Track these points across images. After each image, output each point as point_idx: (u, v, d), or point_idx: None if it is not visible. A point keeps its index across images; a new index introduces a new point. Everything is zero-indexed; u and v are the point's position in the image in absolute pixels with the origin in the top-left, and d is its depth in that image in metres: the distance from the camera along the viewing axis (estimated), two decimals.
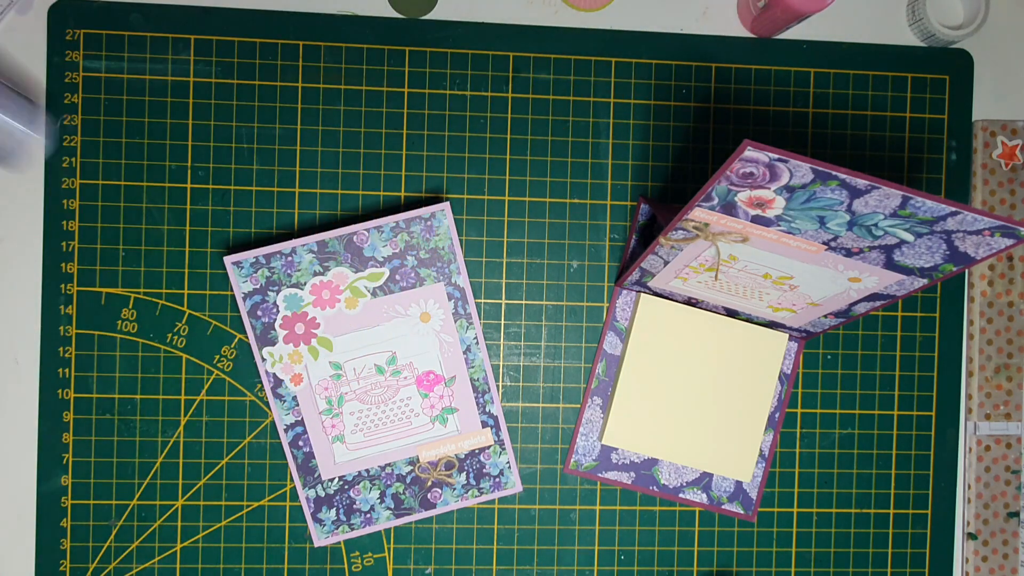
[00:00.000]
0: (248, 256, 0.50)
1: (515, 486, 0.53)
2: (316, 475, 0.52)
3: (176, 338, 0.53)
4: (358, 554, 0.53)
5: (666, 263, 0.47)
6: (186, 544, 0.53)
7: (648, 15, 0.55)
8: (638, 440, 0.53)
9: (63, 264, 0.52)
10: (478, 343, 0.52)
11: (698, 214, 0.40)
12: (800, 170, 0.35)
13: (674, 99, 0.55)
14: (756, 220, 0.40)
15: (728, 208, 0.39)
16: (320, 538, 0.52)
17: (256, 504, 0.53)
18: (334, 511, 0.52)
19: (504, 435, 0.53)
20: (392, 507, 0.52)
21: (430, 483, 0.52)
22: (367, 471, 0.52)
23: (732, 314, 0.53)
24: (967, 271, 0.56)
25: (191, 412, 0.53)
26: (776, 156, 0.34)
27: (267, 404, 0.53)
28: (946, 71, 0.56)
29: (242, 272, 0.50)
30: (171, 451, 0.53)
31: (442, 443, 0.52)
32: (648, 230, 0.54)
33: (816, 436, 0.56)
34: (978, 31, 0.55)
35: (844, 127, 0.56)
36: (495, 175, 0.54)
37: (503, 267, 0.54)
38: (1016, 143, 0.56)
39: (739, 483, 0.54)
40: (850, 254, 0.41)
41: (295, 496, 0.53)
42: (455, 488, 0.52)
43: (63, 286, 0.52)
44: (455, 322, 0.52)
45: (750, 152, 0.34)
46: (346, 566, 0.53)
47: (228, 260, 0.50)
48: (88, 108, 0.52)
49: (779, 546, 0.55)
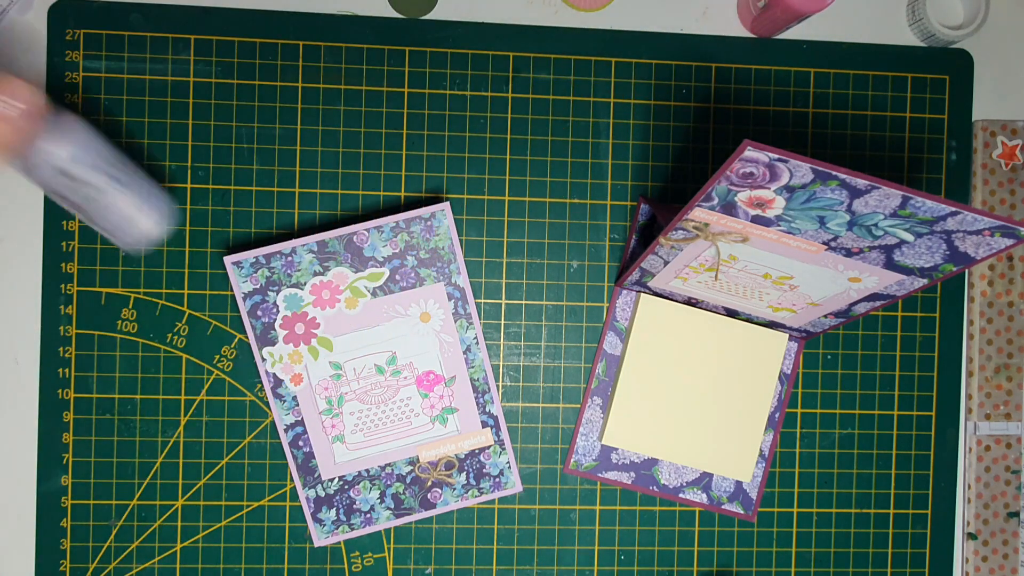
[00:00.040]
0: (248, 256, 0.50)
1: (515, 486, 0.53)
2: (316, 475, 0.52)
3: (176, 338, 0.53)
4: (358, 554, 0.53)
5: (666, 263, 0.47)
6: (186, 544, 0.53)
7: (648, 15, 0.55)
8: (638, 440, 0.53)
9: (63, 264, 0.52)
10: (478, 343, 0.52)
11: (698, 214, 0.40)
12: (800, 170, 0.35)
13: (674, 99, 0.55)
14: (756, 220, 0.40)
15: (728, 208, 0.39)
16: (320, 538, 0.52)
17: (256, 504, 0.53)
18: (334, 511, 0.52)
19: (504, 435, 0.53)
20: (392, 507, 0.52)
21: (430, 483, 0.52)
22: (367, 471, 0.52)
23: (732, 314, 0.53)
24: (967, 271, 0.56)
25: (191, 412, 0.53)
26: (776, 156, 0.34)
27: (267, 404, 0.53)
28: (946, 71, 0.56)
29: (242, 272, 0.50)
30: (171, 451, 0.53)
31: (442, 443, 0.52)
32: (648, 230, 0.54)
33: (816, 436, 0.56)
34: (978, 31, 0.55)
35: (844, 127, 0.56)
36: (495, 175, 0.54)
37: (503, 267, 0.54)
38: (1016, 143, 0.56)
39: (739, 483, 0.55)
40: (850, 254, 0.41)
41: (295, 496, 0.53)
42: (455, 488, 0.52)
43: (63, 286, 0.52)
44: (455, 322, 0.52)
45: (750, 152, 0.34)
46: (346, 566, 0.53)
47: (228, 260, 0.50)
48: (88, 108, 0.52)
49: (779, 546, 0.55)
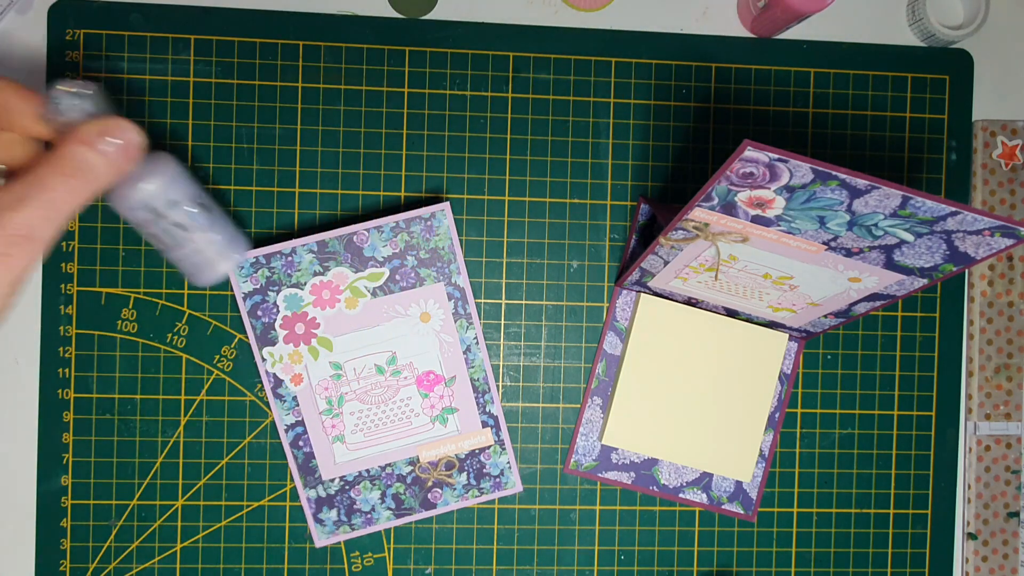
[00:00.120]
0: (248, 256, 0.50)
1: (515, 486, 0.53)
2: (317, 475, 0.52)
3: (176, 338, 0.53)
4: (358, 554, 0.53)
5: (666, 263, 0.47)
6: (186, 544, 0.53)
7: (648, 15, 0.55)
8: (638, 440, 0.53)
9: (63, 264, 0.52)
10: (478, 343, 0.52)
11: (698, 214, 0.40)
12: (800, 170, 0.35)
13: (674, 99, 0.55)
14: (756, 220, 0.40)
15: (728, 208, 0.39)
16: (321, 539, 0.52)
17: (256, 504, 0.53)
18: (335, 511, 0.52)
19: (504, 435, 0.53)
20: (393, 507, 0.52)
21: (430, 483, 0.52)
22: (367, 471, 0.52)
23: (732, 314, 0.53)
24: (967, 271, 0.56)
25: (191, 412, 0.53)
26: (776, 156, 0.34)
27: (267, 404, 0.53)
28: (946, 71, 0.56)
29: (242, 272, 0.50)
30: (171, 451, 0.53)
31: (442, 443, 0.52)
32: (648, 230, 0.54)
33: (816, 436, 0.56)
34: (978, 31, 0.55)
35: (844, 127, 0.56)
36: (495, 175, 0.54)
37: (503, 267, 0.54)
38: (1016, 143, 0.56)
39: (739, 483, 0.55)
40: (850, 254, 0.41)
41: (295, 496, 0.53)
42: (455, 488, 0.52)
43: (63, 286, 0.52)
44: (455, 322, 0.52)
45: (750, 152, 0.34)
46: (346, 566, 0.53)
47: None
48: None
49: (779, 546, 0.55)
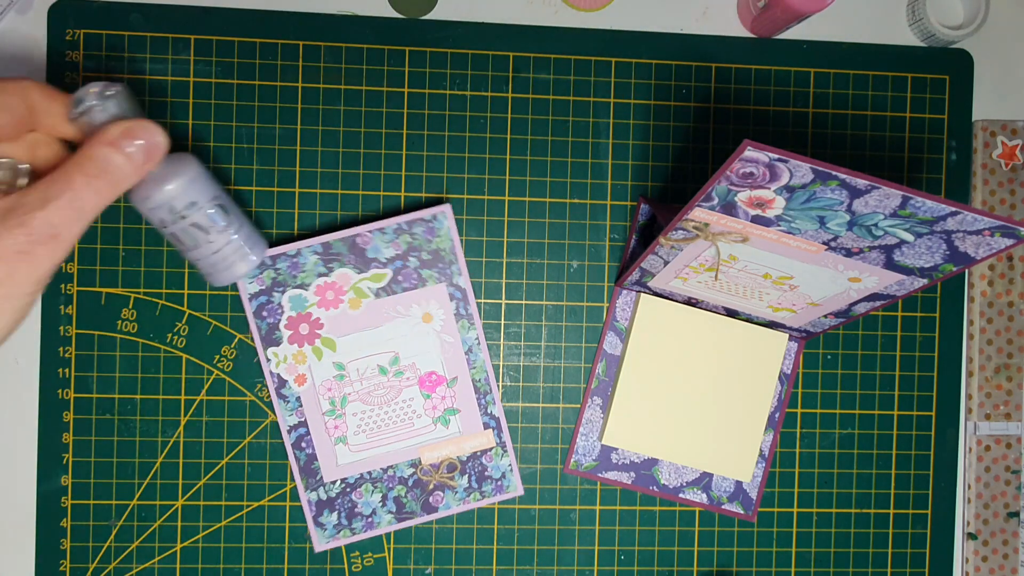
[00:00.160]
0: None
1: (517, 489, 0.53)
2: (318, 477, 0.52)
3: (176, 338, 0.53)
4: (358, 554, 0.53)
5: (666, 263, 0.47)
6: (186, 544, 0.53)
7: (648, 15, 0.55)
8: (638, 440, 0.53)
9: (63, 264, 0.52)
10: (480, 344, 0.52)
11: (698, 214, 0.40)
12: (800, 170, 0.35)
13: (674, 99, 0.55)
14: (756, 220, 0.40)
15: (728, 208, 0.39)
16: (321, 543, 0.52)
17: (256, 504, 0.53)
18: (335, 515, 0.52)
19: (506, 437, 0.52)
20: (394, 511, 0.52)
21: (432, 486, 0.52)
22: (369, 473, 0.52)
23: (732, 314, 0.53)
24: (967, 271, 0.56)
25: (191, 412, 0.53)
26: (776, 156, 0.34)
27: (267, 404, 0.53)
28: (946, 71, 0.56)
29: (249, 274, 0.50)
30: (171, 451, 0.53)
31: (444, 445, 0.52)
32: (648, 230, 0.54)
33: (816, 436, 0.56)
34: (978, 31, 0.55)
35: (844, 127, 0.56)
36: (495, 175, 0.54)
37: (503, 267, 0.54)
38: (1016, 143, 0.56)
39: (739, 483, 0.55)
40: (850, 254, 0.41)
41: (295, 496, 0.53)
42: (457, 491, 0.52)
43: (63, 286, 0.52)
44: (456, 323, 0.52)
45: (750, 152, 0.34)
46: (346, 566, 0.53)
47: None
48: None
49: (779, 546, 0.55)
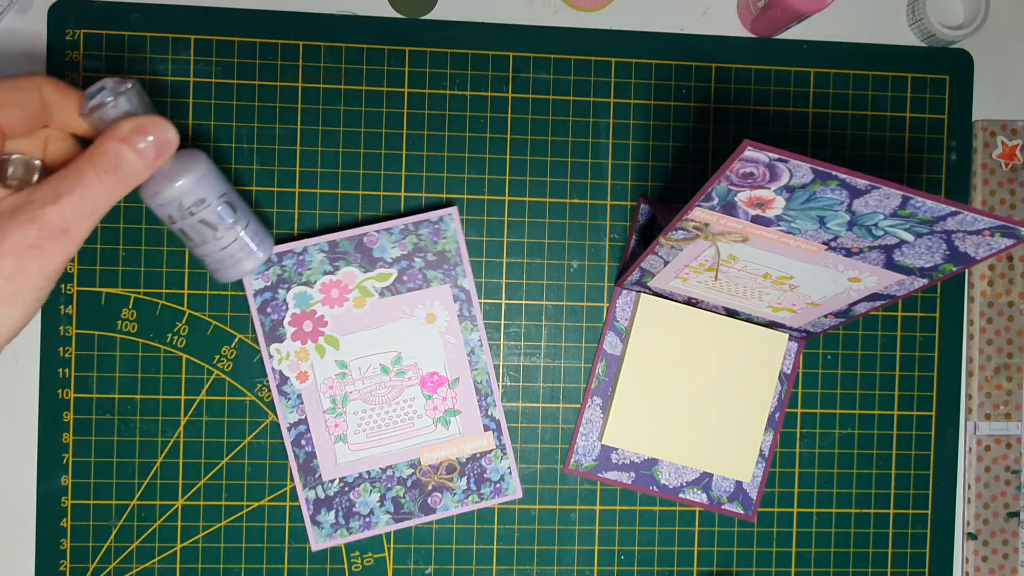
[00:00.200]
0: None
1: (515, 492, 0.53)
2: (317, 475, 0.52)
3: (176, 338, 0.53)
4: (358, 554, 0.53)
5: (666, 263, 0.47)
6: (186, 544, 0.53)
7: (648, 15, 0.55)
8: (638, 440, 0.53)
9: None
10: (482, 346, 0.52)
11: (698, 214, 0.40)
12: (800, 170, 0.35)
13: (674, 99, 0.55)
14: (756, 220, 0.40)
15: (728, 208, 0.39)
16: (318, 542, 0.52)
17: (256, 504, 0.53)
18: (333, 514, 0.52)
19: (506, 439, 0.52)
20: (392, 511, 0.52)
21: (431, 487, 0.52)
22: (368, 473, 0.52)
23: (732, 314, 0.53)
24: (967, 271, 0.56)
25: (191, 412, 0.53)
26: (776, 156, 0.34)
27: (267, 404, 0.53)
28: (946, 71, 0.56)
29: (255, 271, 0.50)
30: (171, 451, 0.53)
31: (444, 446, 0.52)
32: (648, 230, 0.54)
33: (816, 436, 0.56)
34: (978, 31, 0.55)
35: (844, 127, 0.56)
36: (495, 175, 0.54)
37: (503, 267, 0.54)
38: (1016, 143, 0.56)
39: (739, 483, 0.55)
40: (850, 254, 0.41)
41: (295, 496, 0.53)
42: (455, 493, 0.52)
43: (63, 286, 0.52)
44: (460, 324, 0.52)
45: (750, 152, 0.34)
46: (346, 566, 0.53)
47: None
48: None
49: (779, 546, 0.55)
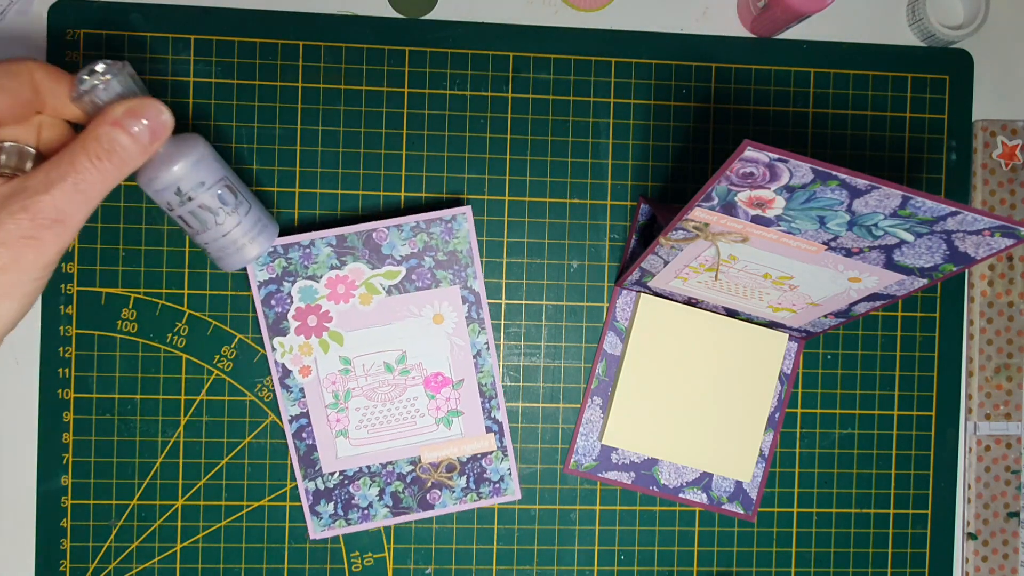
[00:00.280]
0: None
1: (514, 494, 0.53)
2: (317, 468, 0.52)
3: (176, 338, 0.53)
4: (358, 554, 0.53)
5: (666, 263, 0.47)
6: (186, 544, 0.53)
7: (648, 15, 0.55)
8: (638, 440, 0.53)
9: (63, 264, 0.52)
10: (488, 349, 0.52)
11: (698, 214, 0.40)
12: (800, 170, 0.35)
13: (674, 99, 0.55)
14: (756, 220, 0.40)
15: (728, 208, 0.39)
16: (316, 531, 0.52)
17: (256, 504, 0.53)
18: (332, 505, 0.52)
19: (507, 442, 0.52)
20: (390, 505, 0.52)
21: (430, 484, 0.52)
22: (368, 468, 0.52)
23: (732, 314, 0.53)
24: (967, 271, 0.56)
25: (191, 412, 0.53)
26: (776, 156, 0.34)
27: (267, 404, 0.53)
28: (946, 71, 0.56)
29: (259, 260, 0.50)
30: (171, 451, 0.53)
31: (445, 445, 0.52)
32: (648, 230, 0.54)
33: (816, 436, 0.56)
34: (978, 31, 0.55)
35: (844, 127, 0.56)
36: (495, 175, 0.54)
37: (503, 267, 0.54)
38: (1016, 143, 0.56)
39: (739, 483, 0.55)
40: (850, 254, 0.41)
41: (295, 496, 0.53)
42: (454, 491, 0.52)
43: (63, 286, 0.52)
44: (467, 326, 0.52)
45: (750, 152, 0.34)
46: (346, 566, 0.53)
47: None
48: None
49: (779, 546, 0.55)
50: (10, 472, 0.52)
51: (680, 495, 0.54)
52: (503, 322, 0.54)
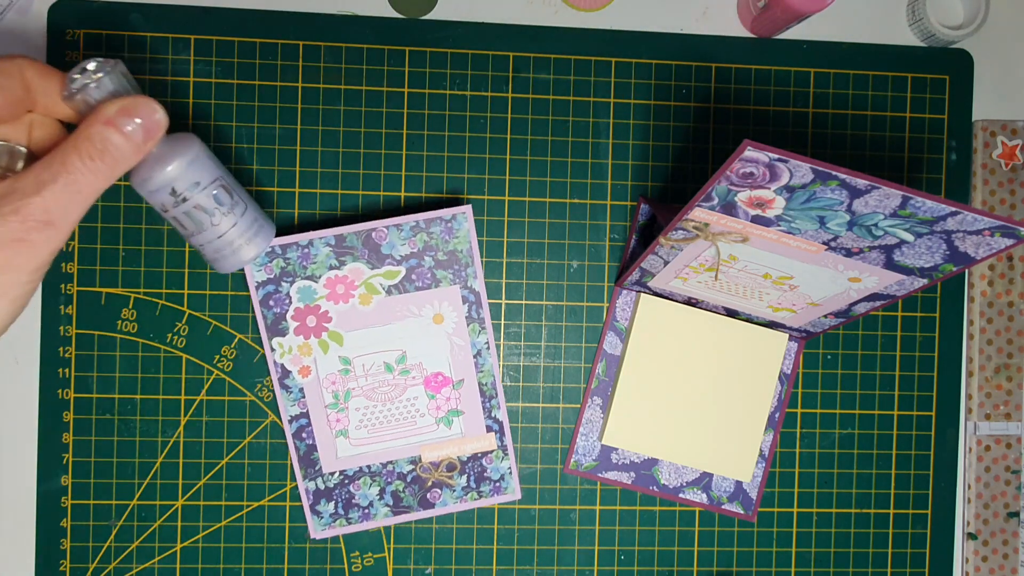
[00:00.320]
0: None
1: (514, 492, 0.53)
2: (317, 467, 0.52)
3: (176, 338, 0.53)
4: (358, 554, 0.53)
5: (666, 263, 0.47)
6: (186, 544, 0.53)
7: (648, 15, 0.55)
8: (638, 440, 0.53)
9: (63, 264, 0.52)
10: (489, 348, 0.52)
11: (698, 214, 0.40)
12: (800, 170, 0.35)
13: (674, 99, 0.55)
14: (756, 220, 0.40)
15: (728, 208, 0.39)
16: (317, 530, 0.52)
17: (256, 504, 0.53)
18: (332, 504, 0.52)
19: (508, 441, 0.52)
20: (391, 504, 0.52)
21: (430, 483, 0.52)
22: (368, 467, 0.52)
23: (732, 314, 0.53)
24: (967, 271, 0.56)
25: (191, 412, 0.53)
26: (776, 156, 0.34)
27: (267, 404, 0.53)
28: (946, 71, 0.56)
29: (257, 261, 0.50)
30: (171, 451, 0.53)
31: (446, 445, 0.52)
32: (648, 230, 0.54)
33: (816, 436, 0.56)
34: (978, 31, 0.55)
35: (844, 127, 0.56)
36: (495, 175, 0.54)
37: (503, 267, 0.54)
38: (1016, 143, 0.56)
39: (739, 483, 0.55)
40: (850, 254, 0.41)
41: (295, 496, 0.53)
42: (455, 490, 0.52)
43: (63, 286, 0.52)
44: (467, 326, 0.51)
45: (750, 152, 0.34)
46: (346, 566, 0.53)
47: None
48: None
49: (779, 546, 0.55)
50: (10, 472, 0.52)
51: (680, 495, 0.54)
52: (503, 322, 0.54)
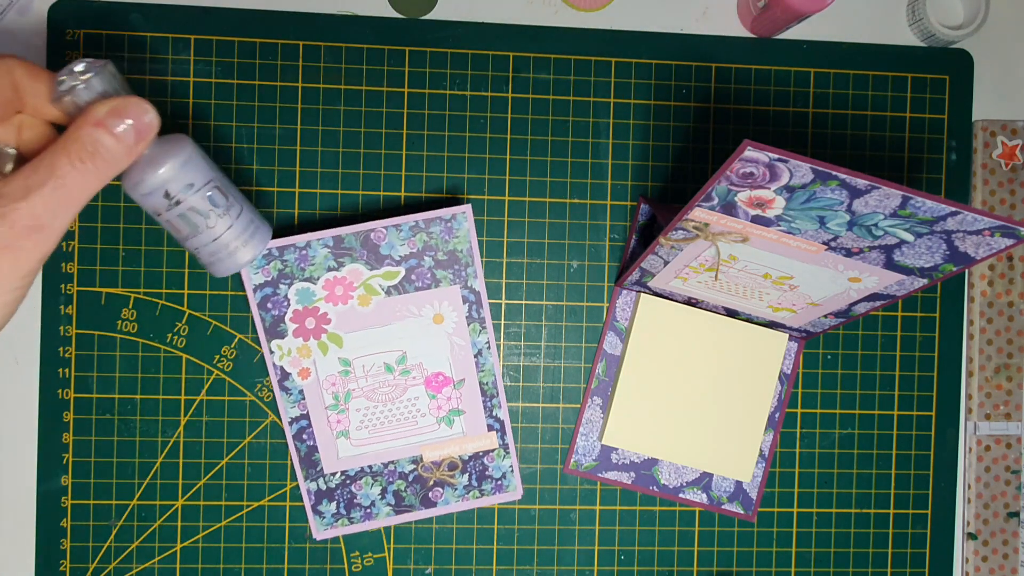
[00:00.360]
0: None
1: (516, 491, 0.53)
2: (319, 468, 0.52)
3: (176, 338, 0.53)
4: (358, 554, 0.53)
5: (666, 263, 0.47)
6: (186, 544, 0.53)
7: (648, 15, 0.55)
8: (638, 440, 0.53)
9: (63, 264, 0.52)
10: (489, 348, 0.52)
11: (698, 214, 0.40)
12: (800, 170, 0.35)
13: (674, 99, 0.55)
14: (756, 220, 0.40)
15: (728, 208, 0.39)
16: (319, 530, 0.52)
17: (256, 504, 0.53)
18: (334, 504, 0.52)
19: (509, 440, 0.52)
20: (393, 503, 0.52)
21: (432, 482, 0.52)
22: (370, 467, 0.52)
23: (732, 314, 0.53)
24: (967, 271, 0.56)
25: (191, 412, 0.53)
26: (776, 156, 0.34)
27: (267, 404, 0.53)
28: (946, 71, 0.56)
29: (254, 264, 0.50)
30: (171, 451, 0.53)
31: (447, 444, 0.52)
32: (648, 230, 0.54)
33: (816, 436, 0.56)
34: (978, 31, 0.55)
35: (844, 127, 0.56)
36: (495, 175, 0.54)
37: (503, 267, 0.54)
38: (1016, 143, 0.56)
39: (739, 483, 0.55)
40: (850, 254, 0.41)
41: (295, 496, 0.53)
42: (457, 489, 0.52)
43: (63, 286, 0.52)
44: (468, 325, 0.51)
45: (750, 152, 0.34)
46: (346, 566, 0.53)
47: None
48: None
49: (779, 546, 0.55)
50: (10, 472, 0.52)
51: (680, 495, 0.54)
52: (503, 322, 0.54)
